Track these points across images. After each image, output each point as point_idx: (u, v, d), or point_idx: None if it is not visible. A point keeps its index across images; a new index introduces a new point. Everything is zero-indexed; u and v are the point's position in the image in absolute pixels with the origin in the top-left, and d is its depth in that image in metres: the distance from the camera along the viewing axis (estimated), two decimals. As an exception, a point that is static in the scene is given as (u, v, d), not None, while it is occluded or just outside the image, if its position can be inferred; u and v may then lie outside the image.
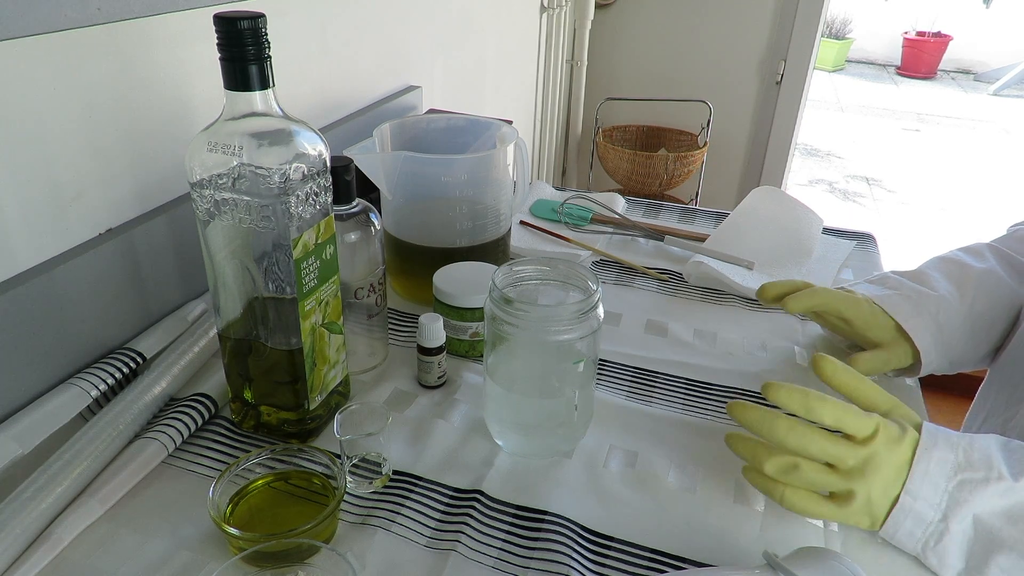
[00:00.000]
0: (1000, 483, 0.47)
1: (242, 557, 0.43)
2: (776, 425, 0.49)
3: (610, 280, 0.85)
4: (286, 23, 0.82)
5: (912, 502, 0.48)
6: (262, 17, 0.46)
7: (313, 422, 0.57)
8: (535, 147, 2.05)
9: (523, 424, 0.57)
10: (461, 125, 0.83)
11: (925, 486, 0.47)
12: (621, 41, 2.23)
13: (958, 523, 0.47)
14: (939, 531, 0.47)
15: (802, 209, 0.94)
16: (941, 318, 0.64)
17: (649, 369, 0.68)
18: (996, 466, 0.47)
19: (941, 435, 0.49)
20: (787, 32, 2.05)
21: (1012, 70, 5.63)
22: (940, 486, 0.47)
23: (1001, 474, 0.47)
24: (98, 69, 0.59)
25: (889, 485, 0.48)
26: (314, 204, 0.50)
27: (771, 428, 0.49)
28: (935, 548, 0.47)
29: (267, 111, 0.48)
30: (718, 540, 0.50)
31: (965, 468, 0.48)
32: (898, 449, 0.48)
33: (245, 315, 0.53)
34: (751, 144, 2.23)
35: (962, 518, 0.47)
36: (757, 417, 0.50)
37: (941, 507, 0.47)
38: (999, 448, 0.49)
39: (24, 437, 0.52)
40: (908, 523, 0.48)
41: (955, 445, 0.49)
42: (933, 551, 0.48)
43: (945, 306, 0.65)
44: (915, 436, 0.49)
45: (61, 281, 0.57)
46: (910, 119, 5.00)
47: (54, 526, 0.47)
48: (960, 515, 0.47)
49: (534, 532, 0.50)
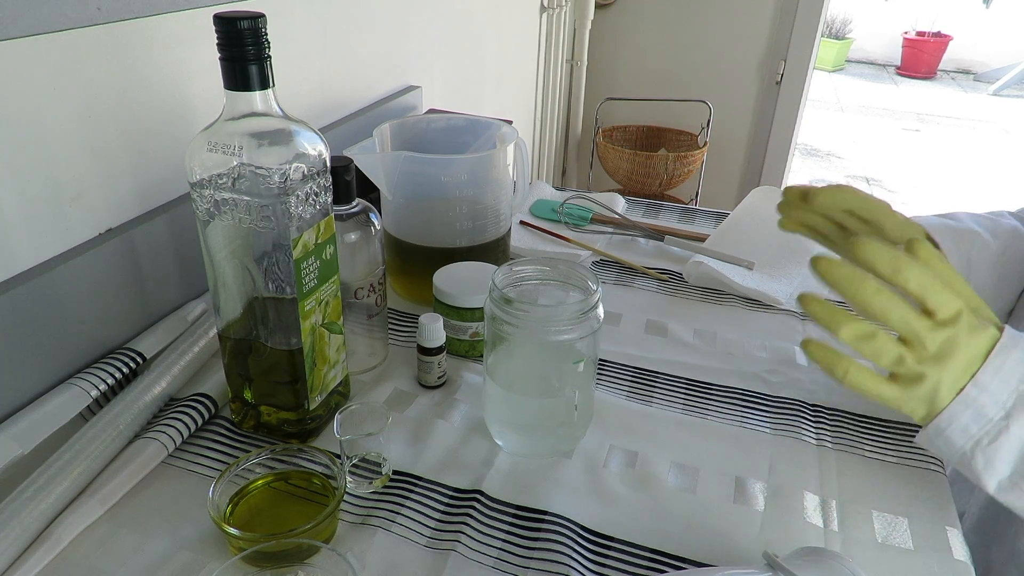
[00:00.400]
0: None
1: (242, 557, 0.43)
2: (865, 284, 0.45)
3: (610, 280, 0.85)
4: (286, 23, 0.82)
5: (978, 394, 0.46)
6: (262, 17, 0.46)
7: (313, 422, 0.57)
8: (535, 147, 2.06)
9: (523, 424, 0.57)
10: (461, 125, 0.83)
11: (996, 381, 0.46)
12: (621, 41, 2.23)
13: (1020, 426, 0.45)
14: (997, 430, 0.46)
15: (802, 209, 0.93)
16: (973, 254, 0.63)
17: (649, 369, 0.68)
18: None
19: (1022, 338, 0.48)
20: (787, 32, 2.05)
21: (1012, 70, 5.63)
22: (1011, 385, 0.46)
23: None
24: (98, 69, 0.59)
25: (959, 376, 0.47)
26: (314, 204, 0.50)
27: (860, 286, 0.45)
28: (987, 448, 0.46)
29: (267, 111, 0.48)
30: (718, 540, 0.50)
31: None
32: (975, 341, 0.47)
33: (245, 315, 0.53)
34: (751, 144, 2.23)
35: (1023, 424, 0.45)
36: (847, 274, 0.46)
37: (1007, 405, 0.46)
38: None
39: (24, 437, 0.52)
40: (966, 416, 0.46)
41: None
42: (984, 451, 0.46)
43: (979, 244, 0.64)
44: (994, 333, 0.48)
45: (61, 281, 0.57)
46: (910, 119, 5.00)
47: (54, 526, 0.47)
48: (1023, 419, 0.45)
49: (534, 532, 0.50)
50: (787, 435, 0.60)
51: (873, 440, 0.60)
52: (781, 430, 0.61)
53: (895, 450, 0.59)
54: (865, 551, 0.50)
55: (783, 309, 0.79)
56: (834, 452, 0.59)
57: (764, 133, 2.19)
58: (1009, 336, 0.47)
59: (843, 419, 0.62)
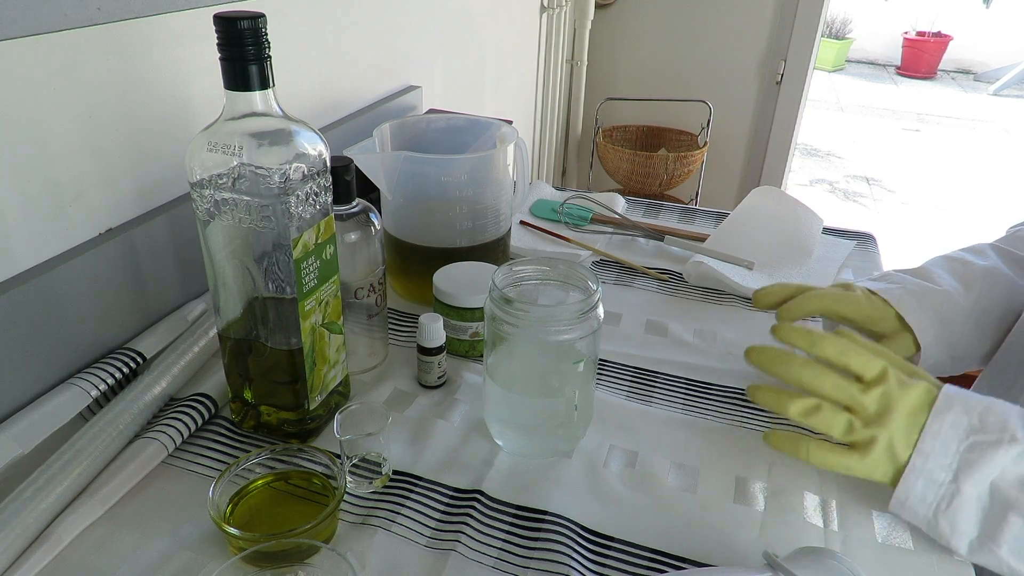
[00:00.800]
0: (1013, 446, 0.46)
1: (242, 557, 0.43)
2: (792, 361, 0.51)
3: (610, 280, 0.85)
4: (286, 23, 0.82)
5: (924, 462, 0.48)
6: (262, 17, 0.46)
7: (313, 422, 0.57)
8: (535, 147, 2.06)
9: (523, 424, 0.57)
10: (461, 125, 0.83)
11: (937, 445, 0.47)
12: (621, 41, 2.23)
13: (971, 486, 0.46)
14: (950, 493, 0.47)
15: (802, 209, 0.94)
16: (945, 313, 0.64)
17: (649, 369, 0.68)
18: (1011, 429, 0.47)
19: (959, 398, 0.49)
20: (787, 32, 2.05)
21: (1012, 70, 5.63)
22: (951, 448, 0.47)
23: (1015, 437, 0.46)
24: (98, 69, 0.59)
25: (908, 430, 0.49)
26: (314, 204, 0.50)
27: (787, 364, 0.51)
28: (946, 512, 0.47)
29: (267, 111, 0.48)
30: (718, 540, 0.50)
31: (978, 431, 0.47)
32: (909, 395, 0.49)
33: (245, 315, 0.53)
34: (751, 144, 2.23)
35: (975, 482, 0.46)
36: (773, 355, 0.52)
37: (952, 468, 0.47)
38: (1020, 415, 0.48)
39: (24, 437, 0.52)
40: (920, 485, 0.48)
41: (971, 409, 0.48)
42: (944, 515, 0.47)
43: (949, 301, 0.65)
44: (928, 388, 0.50)
45: (61, 281, 0.57)
46: (910, 119, 5.00)
47: (54, 526, 0.47)
48: (972, 478, 0.46)
49: (534, 532, 0.50)
50: (787, 435, 0.60)
51: (873, 440, 0.60)
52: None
53: (895, 450, 0.59)
54: (865, 551, 0.49)
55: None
56: (834, 452, 0.59)
57: (764, 133, 2.19)
58: (944, 398, 0.49)
59: (843, 419, 0.62)
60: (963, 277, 0.67)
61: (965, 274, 0.67)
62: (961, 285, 0.66)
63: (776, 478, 0.55)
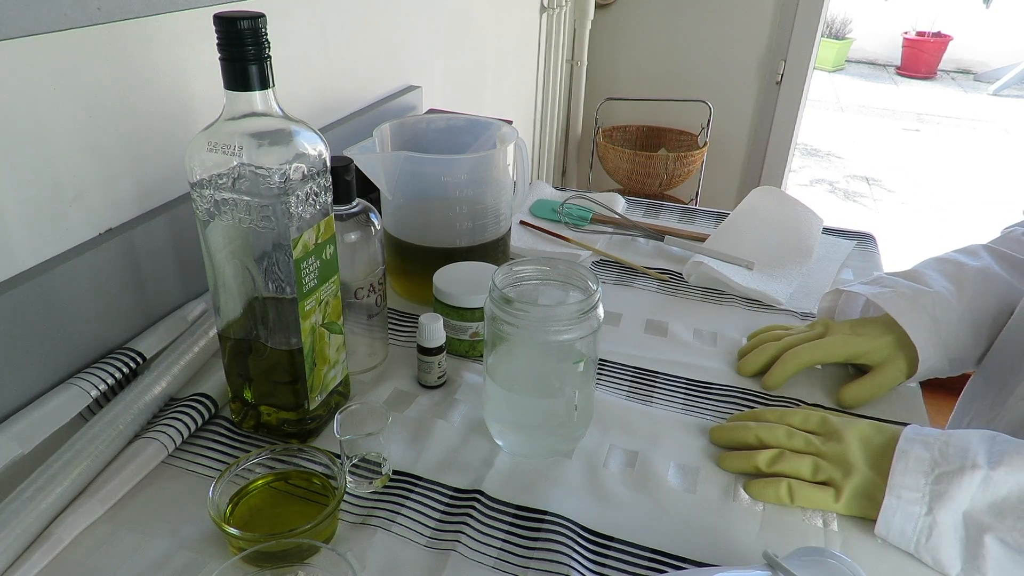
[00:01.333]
0: (975, 472, 0.48)
1: (242, 557, 0.43)
2: (747, 427, 0.57)
3: (610, 280, 0.85)
4: (286, 23, 0.82)
5: (897, 500, 0.49)
6: (262, 17, 0.46)
7: (313, 422, 0.57)
8: (535, 147, 2.05)
9: (523, 424, 0.57)
10: (461, 125, 0.83)
11: (907, 480, 0.49)
12: (621, 41, 2.23)
13: (945, 515, 0.48)
14: (928, 525, 0.48)
15: (802, 209, 0.94)
16: (938, 314, 0.64)
17: (649, 369, 0.68)
18: (971, 456, 0.49)
19: (919, 437, 0.51)
20: (787, 32, 2.05)
21: (1012, 70, 5.63)
22: (920, 482, 0.49)
23: (976, 463, 0.48)
24: (98, 69, 0.59)
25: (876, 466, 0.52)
26: (314, 204, 0.50)
27: (744, 430, 0.57)
28: (927, 545, 0.48)
29: (267, 111, 0.48)
30: (718, 540, 0.50)
31: (940, 463, 0.49)
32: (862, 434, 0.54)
33: (245, 315, 0.53)
34: (751, 144, 2.23)
35: (950, 511, 0.48)
36: (729, 428, 0.58)
37: (925, 500, 0.49)
38: (981, 440, 0.50)
39: (24, 437, 0.52)
40: (898, 520, 0.49)
41: (931, 444, 0.51)
42: (926, 548, 0.48)
43: (942, 302, 0.65)
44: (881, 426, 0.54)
45: (61, 281, 0.57)
46: (910, 119, 5.00)
47: (54, 526, 0.47)
48: (946, 508, 0.48)
49: (534, 532, 0.50)
50: (787, 435, 0.60)
51: (873, 440, 0.60)
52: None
53: (895, 450, 0.59)
54: (865, 551, 0.49)
55: (783, 309, 0.79)
56: (834, 452, 0.59)
57: (764, 133, 2.18)
58: (905, 440, 0.52)
59: (843, 419, 0.62)
60: (956, 278, 0.67)
61: (958, 275, 0.68)
62: (954, 286, 0.66)
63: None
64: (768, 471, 0.54)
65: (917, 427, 0.53)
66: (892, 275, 0.70)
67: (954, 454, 0.49)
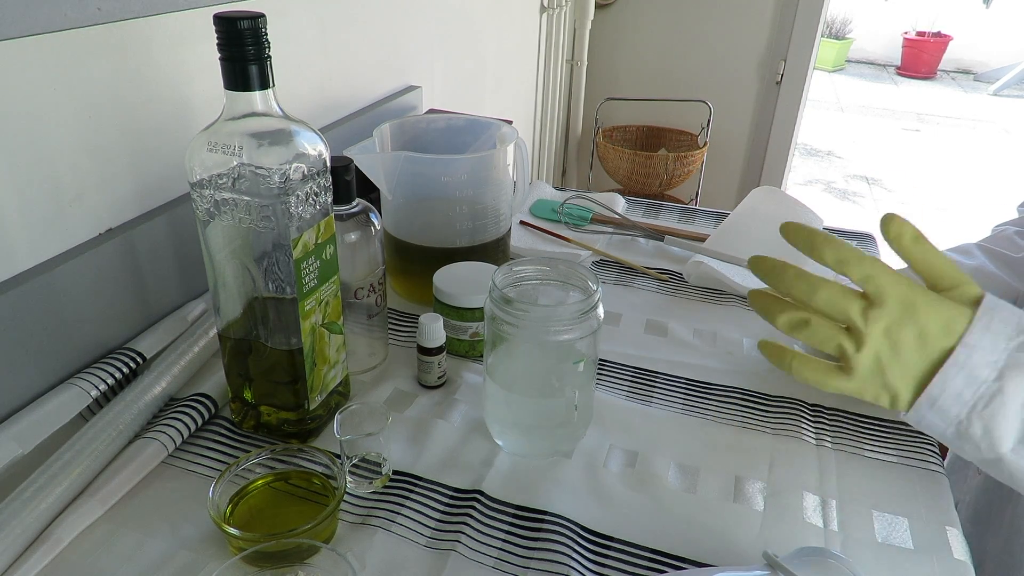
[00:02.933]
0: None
1: (242, 557, 0.43)
2: (786, 270, 0.47)
3: (610, 280, 0.85)
4: (286, 23, 0.82)
5: (968, 356, 0.44)
6: (262, 17, 0.46)
7: (313, 422, 0.57)
8: (535, 147, 2.05)
9: (523, 424, 0.57)
10: (461, 125, 0.83)
11: (986, 339, 0.44)
12: (621, 41, 2.23)
13: (1015, 387, 0.43)
14: (991, 392, 0.44)
15: (802, 209, 0.94)
16: None
17: (649, 369, 0.68)
18: None
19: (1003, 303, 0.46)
20: (787, 32, 2.05)
21: (1012, 70, 5.63)
22: (1000, 344, 0.44)
23: None
24: (98, 69, 0.59)
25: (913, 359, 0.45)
26: (314, 204, 0.50)
27: (781, 273, 0.48)
28: (982, 412, 0.44)
29: (267, 111, 0.48)
30: (718, 540, 0.50)
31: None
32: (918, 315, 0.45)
33: (245, 315, 0.53)
34: (751, 144, 2.23)
35: (1019, 384, 0.43)
36: (770, 264, 0.48)
37: (998, 365, 0.44)
38: None
39: (24, 437, 0.52)
40: (959, 381, 0.44)
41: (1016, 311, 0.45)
42: (979, 415, 0.44)
43: None
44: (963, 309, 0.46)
45: (61, 281, 0.57)
46: (910, 119, 5.00)
47: (54, 526, 0.47)
48: (1016, 379, 0.44)
49: (534, 532, 0.50)
50: (787, 435, 0.60)
51: (873, 440, 0.60)
52: (781, 430, 0.61)
53: (895, 450, 0.59)
54: (865, 551, 0.49)
55: (783, 309, 0.79)
56: (834, 452, 0.59)
57: (764, 133, 2.19)
58: (991, 299, 0.46)
59: (843, 419, 0.62)
60: None
61: None
62: None
63: (776, 478, 0.55)
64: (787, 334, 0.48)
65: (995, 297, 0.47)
66: None
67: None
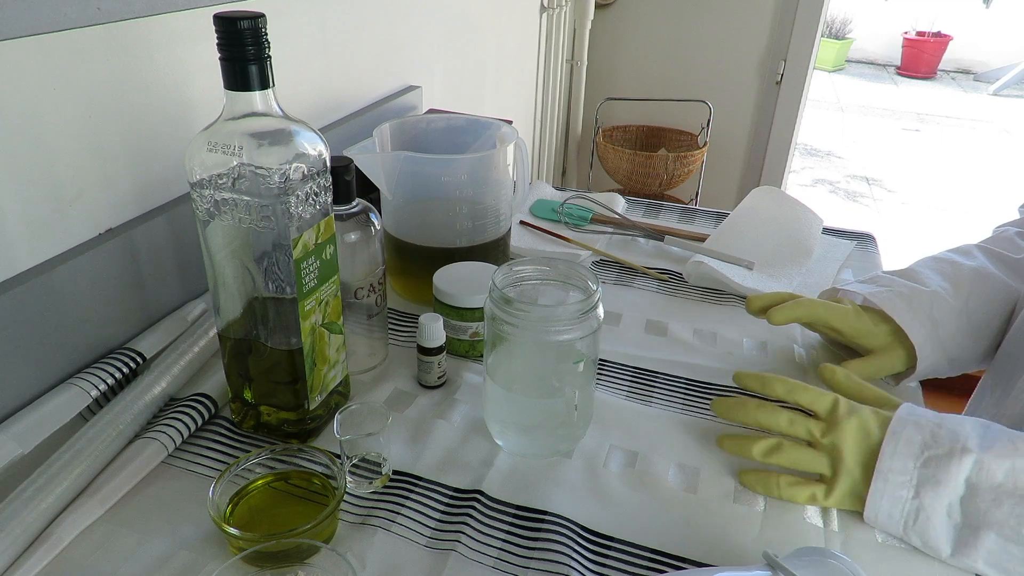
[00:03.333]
0: (966, 456, 0.48)
1: (242, 557, 0.43)
2: (747, 405, 0.55)
3: (610, 280, 0.85)
4: (286, 23, 0.82)
5: (884, 484, 0.49)
6: (262, 17, 0.46)
7: (313, 422, 0.57)
8: (535, 147, 2.05)
9: (523, 424, 0.57)
10: (461, 125, 0.83)
11: (895, 464, 0.49)
12: (621, 41, 2.23)
13: (933, 500, 0.48)
14: (915, 509, 0.48)
15: (802, 209, 0.94)
16: (936, 313, 0.64)
17: (649, 369, 0.68)
18: (962, 440, 0.48)
19: (912, 419, 0.51)
20: (787, 32, 2.05)
21: (1012, 70, 5.63)
22: (908, 465, 0.49)
23: (966, 447, 0.48)
24: (98, 69, 0.59)
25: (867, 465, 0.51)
26: (314, 204, 0.50)
27: (743, 409, 0.56)
28: (915, 527, 0.49)
29: (267, 111, 0.48)
30: (718, 540, 0.50)
31: (931, 445, 0.49)
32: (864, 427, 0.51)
33: (245, 315, 0.53)
34: (751, 144, 2.23)
35: (938, 496, 0.48)
36: (730, 404, 0.57)
37: (912, 484, 0.49)
38: (975, 426, 0.50)
39: (24, 437, 0.52)
40: (885, 504, 0.49)
41: (923, 426, 0.50)
42: (914, 530, 0.49)
43: (939, 301, 0.65)
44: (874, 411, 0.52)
45: (61, 281, 0.57)
46: (910, 119, 5.00)
47: (54, 526, 0.47)
48: (934, 492, 0.48)
49: (534, 532, 0.50)
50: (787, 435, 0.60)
51: (873, 440, 0.60)
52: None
53: (895, 450, 0.59)
54: (865, 551, 0.50)
55: (783, 309, 0.79)
56: (834, 452, 0.59)
57: (764, 133, 2.18)
58: (897, 420, 0.51)
59: (843, 419, 0.62)
60: (952, 277, 0.67)
61: (954, 274, 0.68)
62: (950, 285, 0.66)
63: (776, 478, 0.55)
64: (763, 461, 0.54)
65: (912, 407, 0.53)
66: (888, 274, 0.70)
67: (945, 437, 0.49)
